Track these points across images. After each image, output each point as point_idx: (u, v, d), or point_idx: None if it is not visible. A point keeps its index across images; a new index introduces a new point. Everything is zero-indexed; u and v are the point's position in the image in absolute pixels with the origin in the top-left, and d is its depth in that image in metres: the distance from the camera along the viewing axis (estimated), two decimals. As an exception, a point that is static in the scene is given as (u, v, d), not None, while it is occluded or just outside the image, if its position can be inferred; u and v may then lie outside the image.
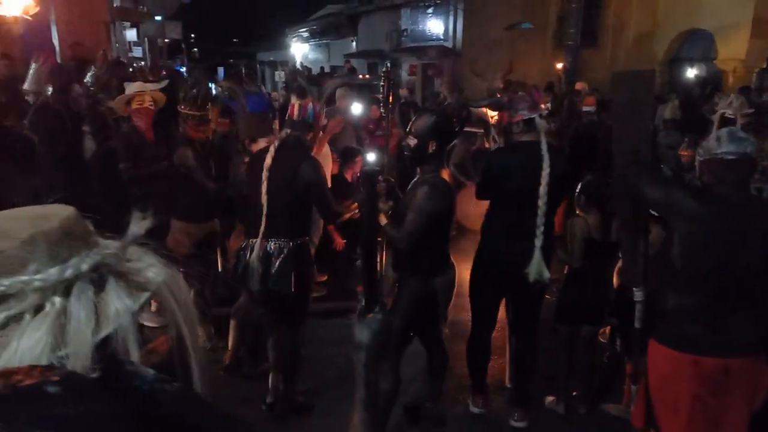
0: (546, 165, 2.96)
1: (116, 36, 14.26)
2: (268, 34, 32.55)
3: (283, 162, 3.04)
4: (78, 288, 0.61)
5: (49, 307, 0.60)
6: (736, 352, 2.22)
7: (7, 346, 0.57)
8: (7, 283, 0.59)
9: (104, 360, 0.57)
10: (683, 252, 2.29)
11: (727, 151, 2.24)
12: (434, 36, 18.52)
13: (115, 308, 0.62)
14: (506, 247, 3.11)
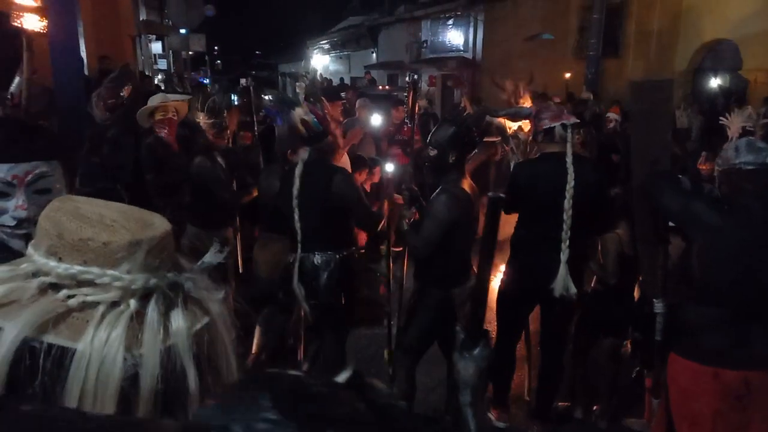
0: (570, 177, 2.91)
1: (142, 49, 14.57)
2: (289, 46, 32.97)
3: (314, 178, 3.04)
4: (156, 298, 0.66)
5: (124, 307, 0.64)
6: (757, 365, 2.19)
7: (83, 331, 0.61)
8: (99, 273, 0.64)
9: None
10: (702, 263, 2.26)
11: (746, 161, 2.22)
12: (454, 47, 18.57)
13: (177, 325, 0.66)
14: (533, 261, 3.07)
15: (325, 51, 28.64)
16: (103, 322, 0.62)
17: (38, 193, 1.44)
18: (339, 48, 27.56)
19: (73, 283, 0.64)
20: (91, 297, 0.63)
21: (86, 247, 0.64)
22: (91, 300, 0.63)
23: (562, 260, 2.93)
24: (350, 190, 3.05)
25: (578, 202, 2.92)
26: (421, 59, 19.72)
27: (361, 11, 26.00)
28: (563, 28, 14.49)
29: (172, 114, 4.23)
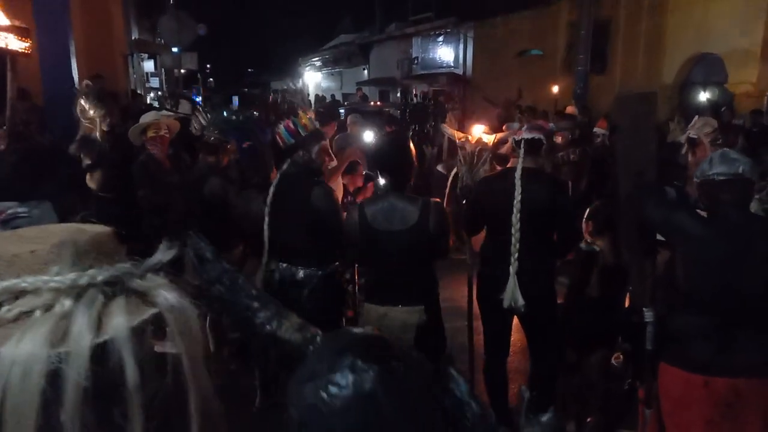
0: (518, 192, 2.95)
1: (134, 67, 14.62)
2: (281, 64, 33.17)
3: (293, 190, 3.06)
4: (88, 295, 0.66)
5: (58, 308, 0.65)
6: (746, 372, 2.20)
7: (9, 337, 0.62)
8: (29, 281, 0.64)
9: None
10: (686, 273, 2.29)
11: (719, 172, 2.27)
12: (445, 63, 18.76)
13: (114, 320, 0.66)
14: (493, 273, 3.11)
15: (317, 68, 28.82)
16: (32, 326, 0.63)
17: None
18: (331, 65, 27.76)
19: (11, 297, 0.65)
20: (26, 306, 0.64)
21: (18, 261, 0.66)
22: (26, 308, 0.64)
23: (511, 272, 2.96)
24: (328, 205, 3.03)
25: (529, 216, 2.95)
26: (412, 75, 19.89)
27: (353, 29, 26.23)
28: (552, 44, 14.68)
29: (164, 132, 4.25)
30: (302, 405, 0.70)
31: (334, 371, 0.67)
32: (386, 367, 0.68)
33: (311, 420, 0.68)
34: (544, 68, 14.62)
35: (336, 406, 0.66)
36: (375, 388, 0.66)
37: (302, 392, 0.70)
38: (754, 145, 6.14)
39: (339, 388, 0.67)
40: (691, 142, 4.12)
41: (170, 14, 12.66)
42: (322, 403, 0.67)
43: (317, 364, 0.70)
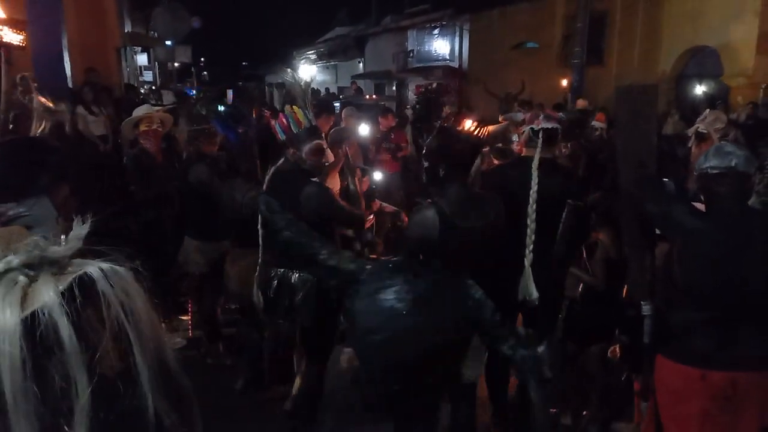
0: (534, 182, 2.89)
1: (127, 61, 14.51)
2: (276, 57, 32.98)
3: (286, 187, 2.98)
4: (8, 278, 0.74)
5: None
6: (744, 366, 2.20)
7: None
8: None
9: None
10: (684, 267, 2.28)
11: (712, 165, 2.26)
12: (440, 56, 18.71)
13: (40, 292, 0.73)
14: (506, 264, 3.02)
15: (312, 61, 28.68)
16: None
17: None
18: (326, 58, 27.64)
19: None
20: None
21: None
22: None
23: (526, 264, 2.91)
24: (319, 205, 2.95)
25: (545, 208, 2.89)
26: (407, 68, 19.84)
27: (348, 22, 26.13)
28: (548, 37, 14.65)
29: (157, 125, 4.22)
30: (369, 313, 0.86)
31: (394, 284, 0.86)
32: (431, 278, 0.91)
33: (378, 323, 0.85)
34: (541, 61, 14.61)
35: (399, 308, 0.84)
36: (425, 293, 0.87)
37: (369, 303, 0.87)
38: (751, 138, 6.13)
39: (399, 294, 0.85)
40: (699, 136, 4.11)
41: (164, 7, 12.56)
42: (387, 309, 0.85)
43: (376, 282, 0.88)
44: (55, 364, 0.74)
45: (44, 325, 0.72)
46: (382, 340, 0.81)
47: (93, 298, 0.77)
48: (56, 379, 0.74)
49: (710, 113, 4.46)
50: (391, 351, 0.81)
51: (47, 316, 0.73)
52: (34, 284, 0.75)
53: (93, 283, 0.77)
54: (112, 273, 0.79)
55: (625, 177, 2.66)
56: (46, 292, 0.74)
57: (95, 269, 0.78)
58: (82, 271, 0.77)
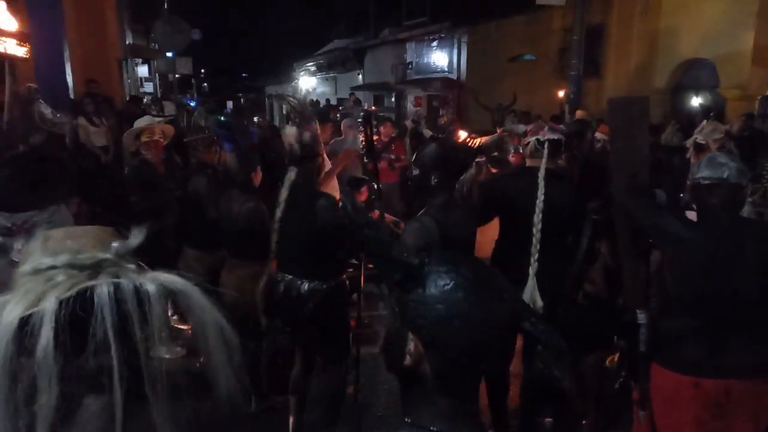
0: (540, 192, 2.93)
1: (128, 72, 14.61)
2: (276, 68, 33.15)
3: (299, 201, 3.03)
4: (46, 274, 0.82)
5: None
6: (737, 374, 2.23)
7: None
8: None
9: None
10: (676, 277, 2.32)
11: (704, 176, 2.30)
12: (439, 68, 18.82)
13: (48, 300, 0.78)
14: (510, 274, 3.06)
15: (311, 73, 28.85)
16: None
17: None
18: (325, 70, 27.79)
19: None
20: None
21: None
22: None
23: (531, 274, 2.93)
24: (334, 216, 2.98)
25: (550, 218, 2.92)
26: (406, 80, 19.95)
27: (347, 34, 26.29)
28: (545, 49, 14.76)
29: (159, 136, 4.26)
30: (442, 301, 1.01)
31: (450, 274, 1.03)
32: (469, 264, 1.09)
33: (454, 310, 1.00)
34: (538, 73, 14.71)
35: (463, 293, 1.01)
36: (481, 287, 1.04)
37: (438, 292, 1.02)
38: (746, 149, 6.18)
39: (461, 288, 1.01)
40: (698, 147, 4.15)
41: (164, 19, 12.66)
42: (454, 294, 1.01)
43: (438, 278, 1.03)
44: (27, 368, 0.76)
45: (32, 328, 0.75)
46: (461, 325, 0.99)
47: (118, 310, 0.80)
48: (23, 384, 0.76)
49: (708, 124, 4.51)
50: (470, 333, 1.00)
51: (38, 320, 0.75)
52: (52, 288, 0.78)
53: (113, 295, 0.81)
54: (185, 292, 0.86)
55: (619, 187, 2.70)
56: (50, 297, 0.77)
57: (150, 283, 0.82)
58: (86, 286, 0.80)
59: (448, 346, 1.01)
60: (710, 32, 10.93)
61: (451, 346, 1.01)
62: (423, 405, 1.06)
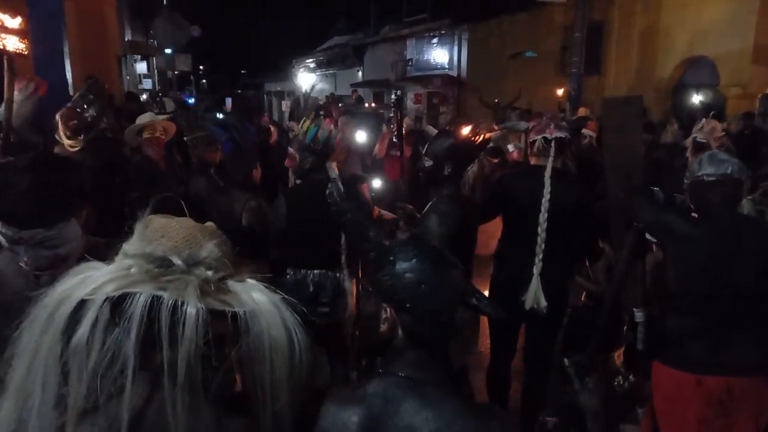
0: (546, 191, 2.89)
1: (127, 69, 14.59)
2: (275, 65, 33.10)
3: (314, 196, 2.95)
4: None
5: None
6: (739, 371, 2.23)
7: None
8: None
9: None
10: (678, 273, 2.32)
11: (707, 172, 2.30)
12: (439, 65, 18.80)
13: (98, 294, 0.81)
14: (512, 274, 3.05)
15: (311, 70, 28.80)
16: None
17: (44, 248, 1.56)
18: (325, 67, 27.74)
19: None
20: None
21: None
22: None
23: (535, 273, 2.90)
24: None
25: (555, 217, 2.89)
26: (406, 77, 19.93)
27: (347, 31, 26.26)
28: (546, 47, 14.76)
29: (160, 133, 4.25)
30: (409, 270, 1.26)
31: (417, 253, 1.29)
32: (439, 252, 1.34)
33: (415, 277, 1.24)
34: (539, 70, 14.70)
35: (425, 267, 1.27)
36: (440, 259, 1.30)
37: (394, 278, 1.26)
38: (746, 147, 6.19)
39: (425, 259, 1.27)
40: (698, 146, 4.14)
41: (164, 16, 12.64)
42: (420, 268, 1.26)
43: (405, 253, 1.28)
44: (66, 357, 0.79)
45: (80, 315, 0.79)
46: (426, 289, 1.24)
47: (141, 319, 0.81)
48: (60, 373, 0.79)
49: (707, 122, 4.50)
50: (434, 294, 1.26)
51: (87, 308, 0.79)
52: (116, 279, 0.83)
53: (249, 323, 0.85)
54: (263, 314, 0.88)
55: (613, 187, 2.69)
56: (104, 289, 0.81)
57: (192, 307, 0.82)
58: (137, 290, 0.82)
59: (417, 306, 1.25)
60: (711, 30, 10.92)
61: (418, 306, 1.25)
62: (394, 358, 1.28)
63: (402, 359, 1.27)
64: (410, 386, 1.22)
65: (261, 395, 0.87)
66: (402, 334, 1.28)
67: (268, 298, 0.91)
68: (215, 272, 0.91)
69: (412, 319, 1.26)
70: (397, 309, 1.27)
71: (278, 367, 0.87)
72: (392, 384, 1.23)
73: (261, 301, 0.90)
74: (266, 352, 0.87)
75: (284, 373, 0.88)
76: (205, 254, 0.91)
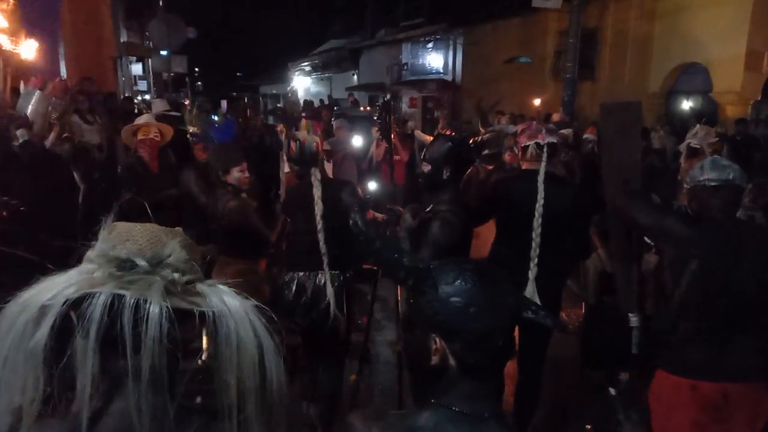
0: (540, 196, 2.90)
1: (122, 70, 14.54)
2: (271, 68, 33.06)
3: (328, 192, 3.04)
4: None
5: None
6: (735, 377, 2.23)
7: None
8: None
9: None
10: (676, 278, 2.32)
11: (710, 178, 2.30)
12: (434, 69, 18.83)
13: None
14: None
15: (306, 73, 28.79)
16: None
17: None
18: (320, 70, 27.74)
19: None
20: None
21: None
22: None
23: (530, 278, 2.90)
24: (355, 200, 3.00)
25: (549, 222, 2.90)
26: (401, 81, 19.95)
27: (343, 34, 26.26)
28: (540, 52, 14.81)
29: (154, 135, 4.24)
30: (453, 293, 1.15)
31: (459, 273, 1.17)
32: (482, 266, 1.21)
33: (462, 300, 1.14)
34: (533, 75, 14.75)
35: (470, 287, 1.15)
36: (485, 276, 1.18)
37: (439, 304, 1.15)
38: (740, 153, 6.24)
39: (469, 279, 1.16)
40: (691, 152, 4.17)
41: (160, 17, 12.61)
42: (465, 289, 1.15)
43: (447, 276, 1.17)
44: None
45: (39, 319, 0.78)
46: (476, 311, 1.15)
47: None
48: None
49: (701, 128, 4.53)
50: (484, 317, 1.16)
51: (45, 312, 0.78)
52: (77, 282, 0.83)
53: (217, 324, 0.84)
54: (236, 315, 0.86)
55: (611, 192, 2.70)
56: (64, 292, 0.80)
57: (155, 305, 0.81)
58: (97, 290, 0.80)
59: (467, 332, 1.14)
60: (704, 37, 10.99)
61: (469, 331, 1.14)
62: (447, 389, 1.17)
63: (455, 390, 1.16)
64: (465, 422, 1.12)
65: (227, 401, 0.83)
66: (454, 364, 1.16)
67: (238, 302, 0.88)
68: (182, 275, 0.88)
69: (463, 346, 1.14)
70: (446, 338, 1.16)
71: (246, 373, 0.84)
72: (445, 419, 1.12)
73: (231, 304, 0.87)
74: (233, 355, 0.83)
75: (252, 381, 0.85)
76: (169, 253, 0.89)
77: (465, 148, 3.10)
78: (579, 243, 3.16)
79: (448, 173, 2.84)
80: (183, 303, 0.83)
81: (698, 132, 4.38)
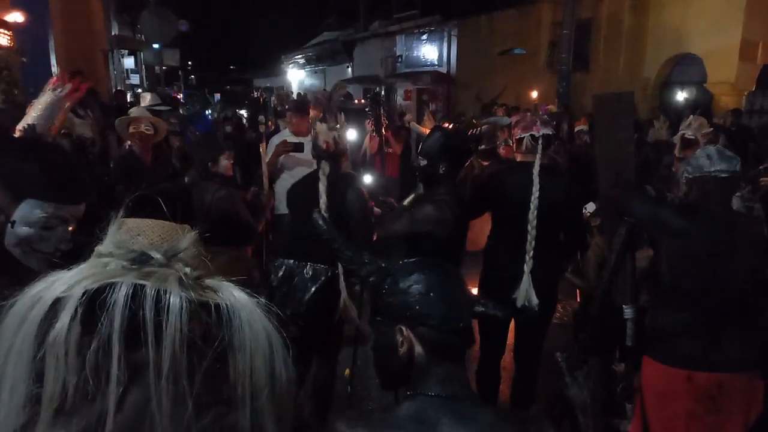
0: (536, 188, 2.88)
1: (114, 64, 14.44)
2: (264, 61, 32.93)
3: (332, 186, 3.01)
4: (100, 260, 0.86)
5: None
6: (729, 367, 2.24)
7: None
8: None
9: None
10: (672, 269, 2.32)
11: (720, 169, 2.28)
12: (429, 62, 18.78)
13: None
14: (502, 271, 3.03)
15: (300, 66, 28.66)
16: None
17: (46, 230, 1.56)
18: (314, 63, 27.62)
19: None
20: None
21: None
22: None
23: (526, 271, 2.89)
24: (360, 203, 2.96)
25: (544, 214, 2.88)
26: (396, 74, 19.90)
27: (337, 27, 26.14)
28: (535, 43, 14.79)
29: (145, 128, 4.22)
30: (416, 281, 1.24)
31: (413, 277, 1.26)
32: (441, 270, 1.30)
33: (412, 305, 1.22)
34: (527, 67, 14.74)
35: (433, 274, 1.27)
36: (440, 280, 1.26)
37: (402, 294, 1.24)
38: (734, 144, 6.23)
39: (421, 280, 1.25)
40: (686, 142, 4.16)
41: (151, 10, 12.50)
42: (418, 287, 1.24)
43: (402, 276, 1.26)
44: (41, 355, 0.77)
45: (56, 311, 0.76)
46: (437, 295, 1.23)
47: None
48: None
49: (695, 119, 4.52)
50: (445, 300, 1.26)
51: (64, 304, 0.77)
52: (95, 274, 0.82)
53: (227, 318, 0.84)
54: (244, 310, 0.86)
55: (605, 183, 2.69)
56: (82, 284, 0.79)
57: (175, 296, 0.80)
58: (118, 280, 0.79)
59: (431, 314, 1.22)
60: (698, 28, 10.99)
61: (433, 313, 1.22)
62: (419, 378, 1.23)
63: (428, 377, 1.22)
64: (443, 405, 1.18)
65: (240, 390, 0.85)
66: (423, 352, 1.23)
67: (246, 297, 0.90)
68: (193, 269, 0.89)
69: (429, 329, 1.22)
70: (412, 325, 1.23)
71: (258, 363, 0.86)
72: (424, 405, 1.19)
73: (240, 298, 0.89)
74: (247, 346, 0.85)
75: (264, 372, 0.86)
76: (183, 247, 0.91)
77: (463, 142, 3.07)
78: (575, 235, 3.15)
79: (444, 168, 2.81)
80: (197, 296, 0.85)
81: (692, 122, 4.37)
